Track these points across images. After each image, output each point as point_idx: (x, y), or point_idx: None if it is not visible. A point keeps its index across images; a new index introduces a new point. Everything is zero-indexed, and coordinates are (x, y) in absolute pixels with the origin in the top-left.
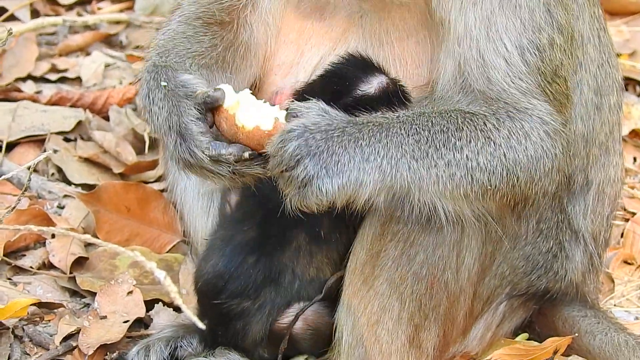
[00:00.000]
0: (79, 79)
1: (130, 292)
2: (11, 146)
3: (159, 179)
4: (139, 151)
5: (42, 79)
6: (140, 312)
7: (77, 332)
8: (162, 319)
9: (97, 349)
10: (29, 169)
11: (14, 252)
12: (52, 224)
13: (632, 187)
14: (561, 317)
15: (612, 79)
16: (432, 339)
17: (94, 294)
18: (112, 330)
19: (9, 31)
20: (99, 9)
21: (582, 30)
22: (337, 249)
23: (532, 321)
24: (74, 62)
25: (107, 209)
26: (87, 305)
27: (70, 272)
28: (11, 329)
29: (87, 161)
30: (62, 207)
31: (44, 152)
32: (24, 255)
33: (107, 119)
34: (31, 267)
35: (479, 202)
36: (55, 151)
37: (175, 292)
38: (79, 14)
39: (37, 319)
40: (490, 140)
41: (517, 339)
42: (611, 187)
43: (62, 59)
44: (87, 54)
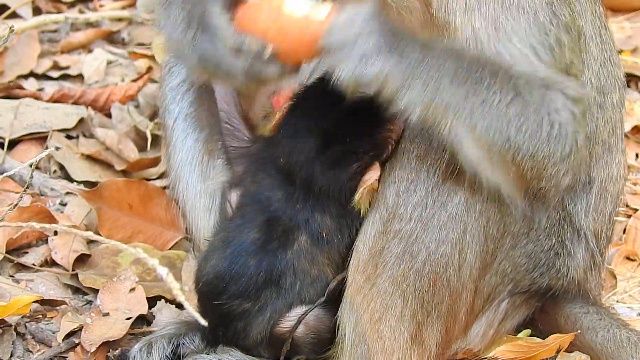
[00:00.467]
0: (81, 76)
1: (132, 289)
2: (13, 143)
3: (161, 176)
4: (141, 148)
5: (44, 77)
6: (142, 309)
7: (80, 329)
8: (164, 316)
9: (100, 346)
10: (31, 166)
11: (16, 249)
12: (55, 221)
13: (634, 184)
14: (563, 314)
15: (614, 77)
16: (434, 335)
17: (96, 291)
18: (115, 327)
19: (10, 28)
20: (100, 6)
21: (584, 28)
22: (338, 251)
23: (534, 318)
24: (76, 60)
25: (109, 206)
26: (89, 302)
27: (72, 269)
28: (13, 326)
29: (89, 158)
30: (64, 205)
31: (46, 149)
32: (26, 252)
33: (109, 116)
34: (33, 264)
35: (499, 160)
36: (57, 148)
37: (177, 289)
38: (80, 11)
39: (40, 316)
40: (521, 97)
41: (520, 335)
42: (613, 184)
43: (64, 56)
44: (89, 51)
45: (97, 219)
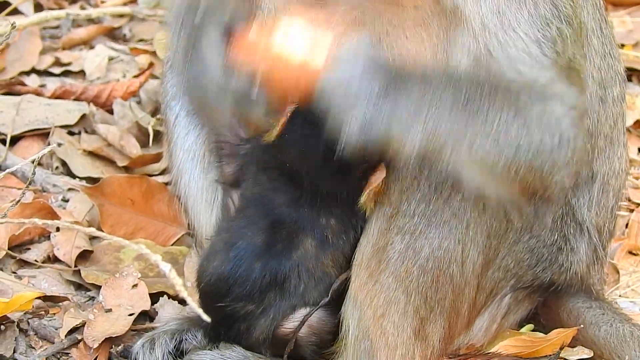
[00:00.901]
0: (82, 73)
1: (135, 285)
2: (15, 140)
3: (163, 172)
4: (143, 144)
5: (46, 73)
6: (145, 305)
7: (82, 325)
8: (167, 311)
9: (103, 342)
10: (33, 162)
11: (19, 245)
12: (57, 218)
13: (636, 178)
14: (566, 309)
15: (615, 70)
16: (437, 331)
17: (98, 287)
18: (117, 323)
19: (12, 25)
20: (102, 2)
21: (586, 21)
22: (343, 252)
23: (537, 313)
24: (77, 56)
25: (111, 202)
26: (92, 298)
27: (75, 266)
28: (16, 323)
29: (91, 154)
30: (67, 201)
31: (48, 145)
32: (29, 248)
33: (111, 112)
34: (36, 260)
35: (503, 180)
36: (59, 145)
37: (180, 285)
38: (82, 8)
39: (42, 313)
40: (521, 114)
41: (522, 330)
42: (616, 178)
43: (65, 52)
44: (91, 48)
45: (100, 215)
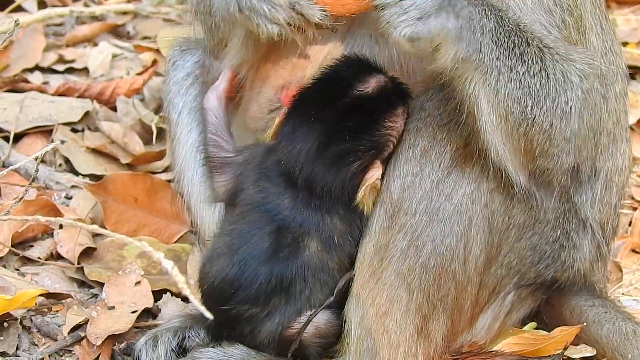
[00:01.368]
0: (86, 70)
1: (138, 283)
2: (19, 137)
3: (166, 170)
4: (147, 142)
5: (50, 70)
6: (148, 302)
7: (85, 322)
8: (170, 309)
9: (105, 339)
10: (36, 159)
11: (22, 242)
12: (60, 215)
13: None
14: (569, 307)
15: (616, 66)
16: (440, 328)
17: (102, 285)
18: (120, 320)
19: (16, 22)
20: None
21: (584, 18)
22: (348, 254)
23: (540, 311)
24: (81, 53)
25: (114, 199)
26: (95, 295)
27: (78, 263)
28: (19, 320)
29: (95, 152)
30: (70, 198)
31: (52, 142)
32: (32, 246)
33: (114, 109)
34: (39, 257)
35: (513, 130)
36: (62, 142)
37: (182, 283)
38: (86, 5)
39: (45, 310)
40: (545, 71)
41: (525, 328)
42: (619, 175)
43: (69, 49)
44: (95, 45)
45: (103, 213)
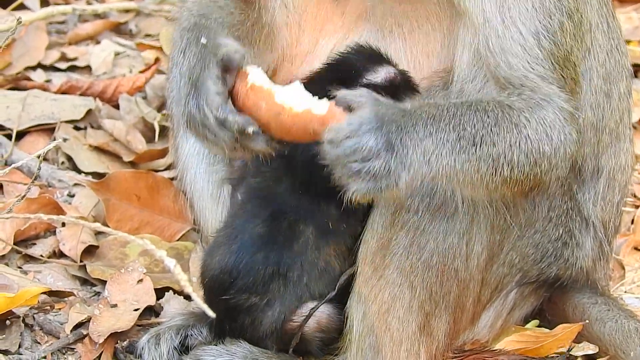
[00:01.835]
0: (88, 68)
1: (140, 281)
2: (21, 135)
3: (169, 167)
4: (149, 139)
5: (52, 68)
6: (150, 300)
7: (88, 320)
8: (172, 307)
9: (108, 337)
10: (39, 157)
11: (24, 240)
12: (62, 213)
13: None
14: (571, 305)
15: (622, 65)
16: (442, 326)
17: (104, 283)
18: (123, 318)
19: (18, 20)
20: None
21: (590, 16)
22: (344, 242)
23: (542, 309)
24: (83, 51)
25: (117, 197)
26: (97, 293)
27: (80, 261)
28: (22, 318)
29: (97, 150)
30: (72, 196)
31: (54, 140)
32: (34, 243)
33: (117, 107)
34: (41, 255)
35: (497, 191)
36: (65, 140)
37: (185, 281)
38: (88, 3)
39: (48, 308)
40: (522, 135)
41: (528, 325)
42: (621, 173)
43: (71, 47)
44: (97, 43)
45: (105, 210)
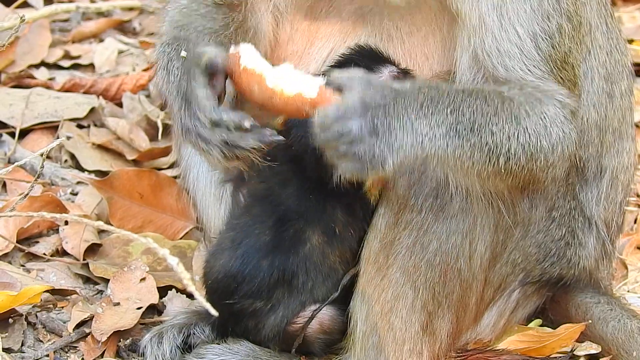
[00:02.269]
0: (92, 66)
1: (143, 279)
2: (24, 133)
3: (172, 166)
4: (152, 138)
5: (55, 66)
6: (153, 298)
7: (91, 318)
8: (175, 305)
9: (111, 335)
10: (42, 155)
11: (27, 238)
12: (65, 211)
13: None
14: (574, 304)
15: (622, 65)
16: (445, 325)
17: (107, 281)
18: (126, 316)
19: (21, 18)
20: None
21: (589, 17)
22: (350, 247)
23: (545, 308)
24: (87, 49)
25: (120, 195)
26: (100, 292)
27: (83, 259)
28: (24, 316)
29: (100, 148)
30: (75, 194)
31: (57, 138)
32: (37, 242)
33: (120, 105)
34: (44, 253)
35: (490, 181)
36: (68, 138)
37: (188, 279)
38: (92, 1)
39: (51, 306)
40: (521, 126)
41: (530, 325)
42: (624, 173)
43: (75, 45)
44: (100, 41)
45: (108, 209)
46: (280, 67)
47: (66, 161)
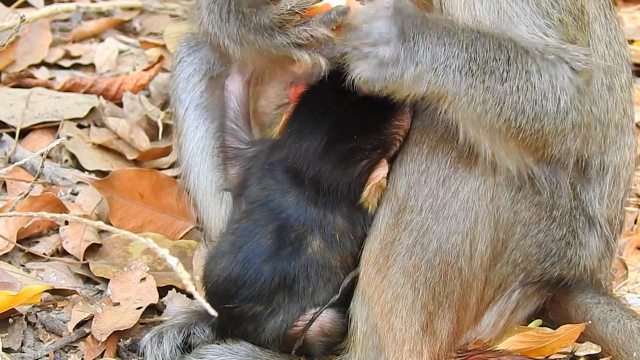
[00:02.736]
0: (92, 66)
1: (143, 279)
2: (25, 133)
3: (172, 166)
4: (153, 138)
5: (56, 66)
6: (153, 298)
7: (91, 318)
8: (175, 305)
9: (111, 335)
10: (42, 155)
11: (27, 238)
12: (66, 211)
13: None
14: (574, 305)
15: (621, 57)
16: (445, 326)
17: (107, 281)
18: (126, 316)
19: (22, 18)
20: None
21: (588, 9)
22: (351, 252)
23: (545, 308)
24: (87, 49)
25: (120, 195)
26: (100, 292)
27: (83, 259)
28: (24, 316)
29: (101, 148)
30: (76, 194)
31: (58, 138)
32: (37, 242)
33: (120, 105)
34: (44, 253)
35: (501, 136)
36: (68, 138)
37: (187, 279)
38: (92, 1)
39: (51, 306)
40: (530, 82)
41: (530, 325)
42: (626, 169)
43: (75, 45)
44: (101, 41)
45: (108, 209)
46: None
47: (66, 161)
